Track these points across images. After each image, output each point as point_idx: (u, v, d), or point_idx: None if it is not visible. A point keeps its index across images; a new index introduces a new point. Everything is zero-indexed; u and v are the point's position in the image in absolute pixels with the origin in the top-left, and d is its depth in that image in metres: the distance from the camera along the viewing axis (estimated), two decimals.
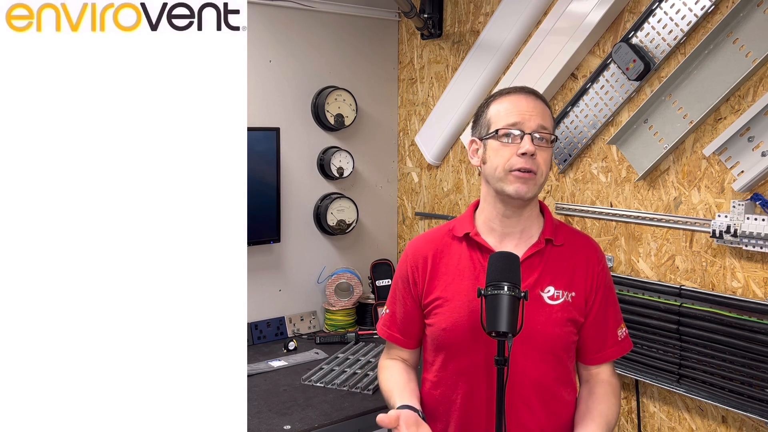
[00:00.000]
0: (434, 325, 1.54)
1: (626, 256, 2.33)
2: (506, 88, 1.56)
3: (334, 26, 3.01)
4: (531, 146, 1.43)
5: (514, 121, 1.46)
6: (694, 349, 2.07)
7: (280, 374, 2.49)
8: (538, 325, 1.46)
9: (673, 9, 2.11)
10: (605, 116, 2.34)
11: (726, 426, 2.09)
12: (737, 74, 1.96)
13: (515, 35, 2.63)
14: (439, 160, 3.05)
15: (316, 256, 3.06)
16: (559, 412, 1.51)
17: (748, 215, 1.93)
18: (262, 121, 2.82)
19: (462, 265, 1.53)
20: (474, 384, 1.49)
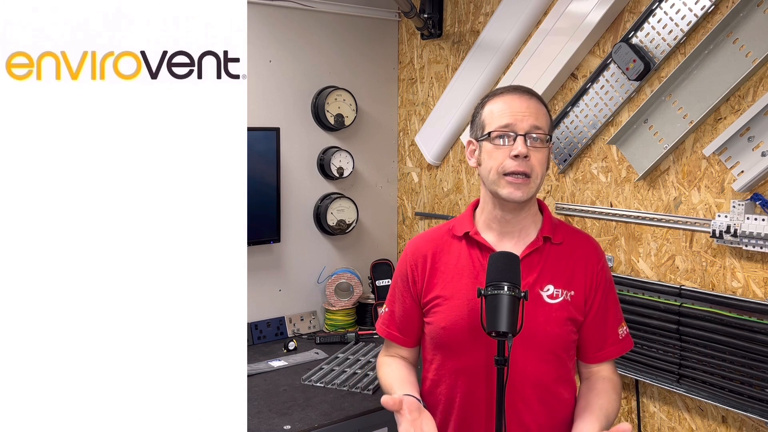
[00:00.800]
0: (433, 323, 1.54)
1: (626, 256, 2.33)
2: (500, 87, 1.55)
3: (334, 26, 3.01)
4: (524, 148, 1.42)
5: (506, 123, 1.45)
6: (694, 349, 2.07)
7: (280, 374, 2.49)
8: (538, 325, 1.46)
9: (673, 9, 2.11)
10: (605, 116, 2.34)
11: (726, 426, 2.09)
12: (737, 74, 1.96)
13: (515, 35, 2.63)
14: (439, 160, 3.05)
15: (316, 256, 3.06)
16: (558, 410, 1.51)
17: (748, 215, 1.93)
18: (262, 121, 2.82)
19: (461, 263, 1.53)
20: (473, 383, 1.49)
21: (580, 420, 1.46)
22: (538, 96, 1.52)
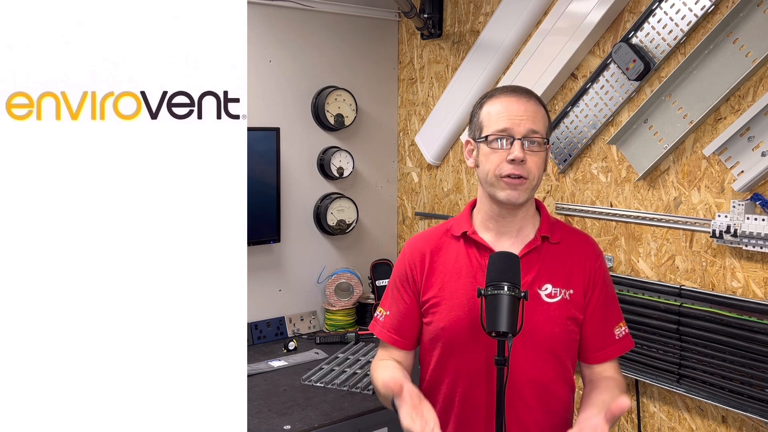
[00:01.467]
0: (432, 323, 1.54)
1: (626, 256, 2.33)
2: (499, 87, 1.55)
3: (334, 26, 3.01)
4: (520, 153, 1.42)
5: (503, 127, 1.45)
6: (694, 349, 2.07)
7: (280, 374, 2.49)
8: (536, 323, 1.46)
9: (673, 9, 2.11)
10: (605, 116, 2.34)
11: (726, 426, 2.09)
12: (737, 74, 1.96)
13: (515, 35, 2.63)
14: (439, 160, 3.05)
15: (316, 256, 3.06)
16: (556, 410, 1.51)
17: (748, 215, 1.93)
18: (262, 121, 2.82)
19: (459, 263, 1.53)
20: (473, 383, 1.49)
21: (583, 411, 1.42)
22: (537, 97, 1.51)
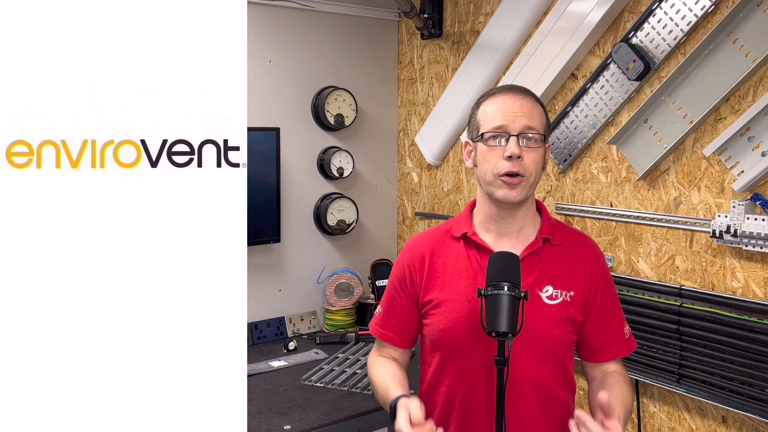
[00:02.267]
0: (431, 325, 1.53)
1: (626, 256, 2.33)
2: (495, 87, 1.55)
3: (334, 26, 3.01)
4: (516, 149, 1.42)
5: (499, 125, 1.45)
6: (694, 349, 2.07)
7: (280, 374, 2.49)
8: (537, 325, 1.46)
9: (673, 9, 2.11)
10: (605, 116, 2.34)
11: (726, 426, 2.09)
12: (737, 74, 1.96)
13: (515, 35, 2.63)
14: (439, 160, 3.05)
15: (316, 256, 3.06)
16: (556, 411, 1.51)
17: (748, 215, 1.93)
18: (262, 121, 2.82)
19: (459, 265, 1.53)
20: (473, 384, 1.49)
21: (605, 415, 1.37)
22: (533, 95, 1.51)
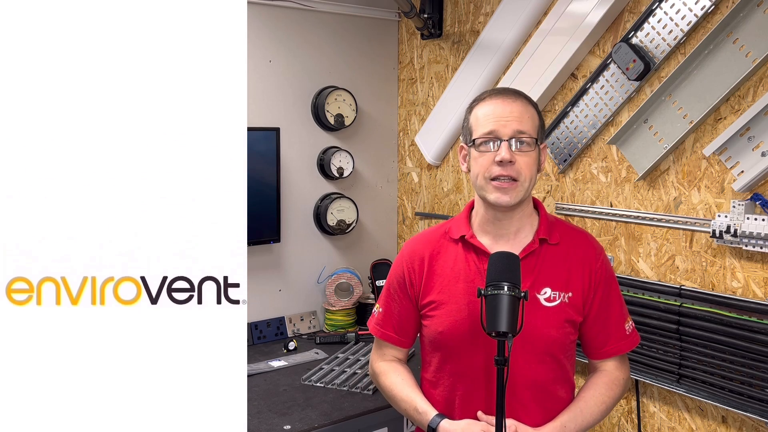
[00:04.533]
0: (431, 326, 1.54)
1: (626, 256, 2.33)
2: (487, 90, 1.54)
3: (334, 26, 3.01)
4: (507, 153, 1.42)
5: (490, 129, 1.44)
6: (694, 349, 2.07)
7: (280, 374, 2.49)
8: (536, 328, 1.46)
9: (673, 9, 2.11)
10: (605, 116, 2.34)
11: (726, 426, 2.09)
12: (737, 74, 1.96)
13: (515, 35, 2.63)
14: (439, 160, 3.05)
15: (316, 256, 3.06)
16: (555, 410, 1.51)
17: (748, 215, 1.93)
18: (262, 121, 2.82)
19: (458, 267, 1.53)
20: (473, 385, 1.49)
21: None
22: (525, 96, 1.50)
